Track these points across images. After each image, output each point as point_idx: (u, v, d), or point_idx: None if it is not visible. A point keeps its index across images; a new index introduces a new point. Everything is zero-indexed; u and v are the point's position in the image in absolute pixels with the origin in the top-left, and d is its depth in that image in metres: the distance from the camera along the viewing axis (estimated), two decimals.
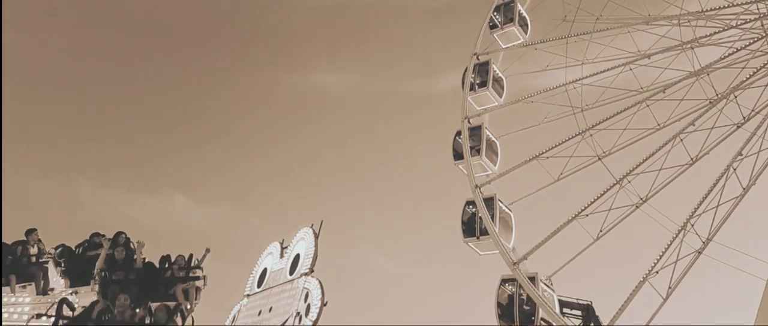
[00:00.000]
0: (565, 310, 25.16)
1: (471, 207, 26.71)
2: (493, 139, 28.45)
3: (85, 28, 56.68)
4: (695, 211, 21.30)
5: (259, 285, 24.62)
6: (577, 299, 26.45)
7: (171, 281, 14.00)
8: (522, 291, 24.09)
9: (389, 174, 57.30)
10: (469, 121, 28.20)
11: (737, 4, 24.08)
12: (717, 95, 23.42)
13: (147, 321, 13.79)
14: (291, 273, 22.97)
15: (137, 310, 13.89)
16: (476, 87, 29.57)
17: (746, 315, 22.28)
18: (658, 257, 21.25)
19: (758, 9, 23.31)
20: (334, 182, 57.83)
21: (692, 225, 21.12)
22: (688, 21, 24.47)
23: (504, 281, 24.47)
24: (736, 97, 22.65)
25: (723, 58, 23.67)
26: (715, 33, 24.05)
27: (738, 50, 23.39)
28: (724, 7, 24.24)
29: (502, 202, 26.16)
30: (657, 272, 20.89)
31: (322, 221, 23.23)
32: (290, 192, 57.44)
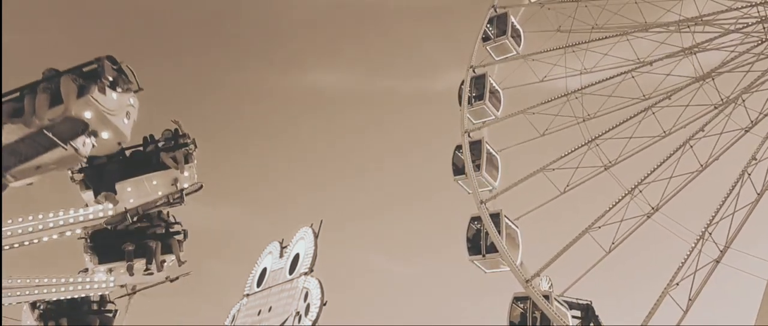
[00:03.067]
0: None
1: (476, 223, 25.98)
2: (494, 153, 27.79)
3: (84, 28, 55.61)
4: (713, 219, 20.78)
5: (258, 285, 23.95)
6: (577, 299, 25.89)
7: (156, 152, 13.27)
8: (535, 310, 23.49)
9: (389, 173, 57.16)
10: (469, 135, 27.53)
11: (736, 8, 23.91)
12: (722, 100, 23.11)
13: None
14: (291, 272, 22.32)
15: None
16: (473, 100, 29.03)
17: (747, 315, 21.98)
18: (678, 268, 20.62)
19: (758, 12, 23.14)
20: (333, 181, 57.61)
21: (710, 234, 20.58)
22: (688, 26, 24.19)
23: (516, 299, 23.77)
24: (743, 100, 22.34)
25: (727, 62, 23.40)
26: (717, 37, 23.82)
27: (742, 54, 23.15)
28: (723, 12, 24.05)
29: (508, 218, 25.47)
30: (677, 284, 20.28)
31: (321, 220, 22.69)
32: (289, 192, 57.12)
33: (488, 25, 30.25)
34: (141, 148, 13.52)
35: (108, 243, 13.66)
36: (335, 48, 61.42)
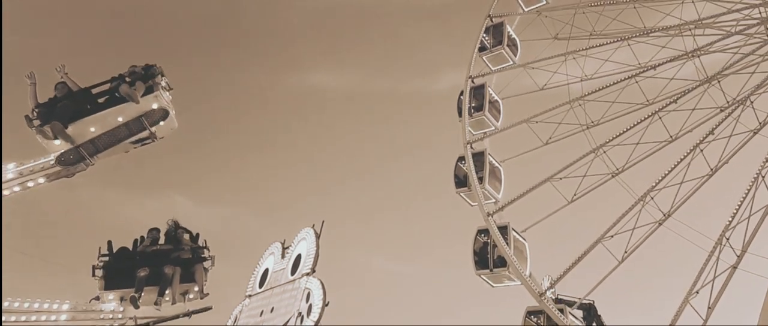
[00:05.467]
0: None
1: (483, 236, 25.39)
2: (496, 164, 27.29)
3: (84, 28, 54.70)
4: (730, 224, 20.38)
5: (260, 286, 23.53)
6: (579, 299, 25.52)
7: (117, 87, 12.61)
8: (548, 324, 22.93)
9: (390, 174, 56.75)
10: (471, 147, 26.99)
11: (736, 10, 23.80)
12: (728, 102, 22.88)
13: None
14: (293, 273, 21.91)
15: None
16: (472, 111, 28.60)
17: (750, 315, 21.66)
18: (697, 275, 20.16)
19: (760, 13, 23.05)
20: (334, 182, 57.18)
21: (727, 240, 20.18)
22: (690, 29, 24.01)
23: (529, 313, 23.18)
24: (752, 102, 22.12)
25: (733, 65, 23.21)
26: (719, 40, 23.64)
27: (746, 56, 22.98)
28: (724, 14, 23.93)
29: (515, 231, 24.92)
30: (697, 292, 19.79)
31: (323, 221, 22.23)
32: (291, 192, 56.56)
33: (484, 35, 29.97)
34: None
35: (122, 266, 12.57)
36: (335, 49, 61.44)
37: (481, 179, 26.33)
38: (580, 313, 25.93)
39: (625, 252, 22.38)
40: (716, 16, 24.06)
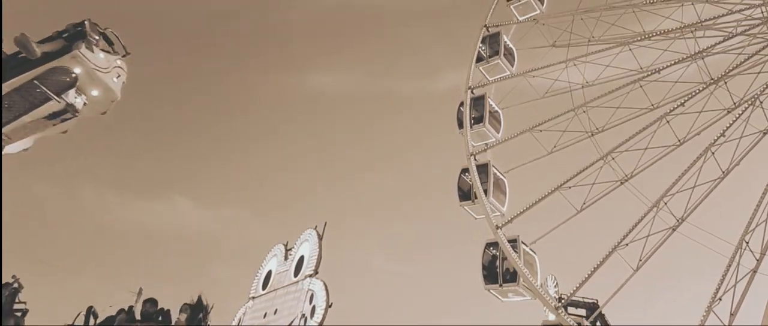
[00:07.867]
0: (569, 309, 23.61)
1: (491, 249, 24.72)
2: (501, 176, 26.72)
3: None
4: (748, 228, 19.93)
5: (263, 287, 23.31)
6: (583, 297, 24.93)
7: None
8: None
9: (389, 174, 56.56)
10: (475, 158, 26.39)
11: (736, 11, 23.60)
12: (735, 103, 22.56)
13: None
14: (296, 274, 21.69)
15: None
16: (472, 122, 28.11)
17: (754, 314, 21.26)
18: (719, 282, 19.63)
19: (762, 12, 22.86)
20: (334, 182, 56.91)
21: (747, 244, 19.72)
22: (691, 32, 23.76)
23: None
24: (761, 102, 21.82)
25: (737, 66, 22.94)
26: (722, 41, 23.40)
27: (751, 56, 22.74)
28: (724, 15, 23.72)
29: (524, 243, 24.29)
30: (720, 299, 19.26)
31: (325, 222, 21.88)
32: (291, 192, 56.25)
33: (481, 46, 29.59)
34: None
35: None
36: (336, 50, 61.55)
37: (486, 191, 25.76)
38: (583, 312, 25.52)
39: (640, 260, 21.77)
40: (717, 17, 23.84)
